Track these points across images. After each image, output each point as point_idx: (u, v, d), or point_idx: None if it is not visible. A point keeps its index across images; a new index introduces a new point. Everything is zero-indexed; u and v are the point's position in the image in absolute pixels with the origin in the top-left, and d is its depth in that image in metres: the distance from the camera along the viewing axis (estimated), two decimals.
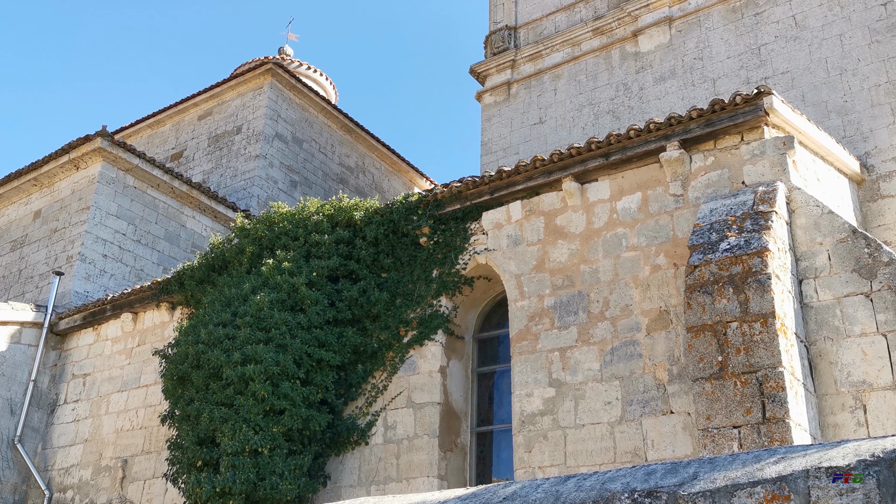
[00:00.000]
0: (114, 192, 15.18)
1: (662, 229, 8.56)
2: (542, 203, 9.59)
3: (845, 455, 2.82)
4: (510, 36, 16.74)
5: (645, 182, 8.91)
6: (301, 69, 23.96)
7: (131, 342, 12.93)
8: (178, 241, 16.14)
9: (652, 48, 14.62)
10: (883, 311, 6.93)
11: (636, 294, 8.44)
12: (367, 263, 10.44)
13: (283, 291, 10.00)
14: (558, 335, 8.78)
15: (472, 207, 10.08)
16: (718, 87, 13.42)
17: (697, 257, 7.44)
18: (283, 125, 19.62)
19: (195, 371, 9.78)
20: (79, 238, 14.55)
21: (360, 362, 10.12)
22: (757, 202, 7.70)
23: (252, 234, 11.18)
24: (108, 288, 14.63)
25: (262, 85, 19.68)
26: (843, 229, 7.49)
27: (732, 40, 13.69)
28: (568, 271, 9.05)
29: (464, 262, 9.94)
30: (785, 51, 12.99)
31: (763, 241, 7.13)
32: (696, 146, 8.65)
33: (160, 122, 21.54)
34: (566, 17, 16.26)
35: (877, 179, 11.10)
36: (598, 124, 14.68)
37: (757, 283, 6.87)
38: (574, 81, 15.45)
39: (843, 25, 12.52)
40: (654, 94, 14.21)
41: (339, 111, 21.14)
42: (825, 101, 12.16)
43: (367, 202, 10.82)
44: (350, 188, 21.00)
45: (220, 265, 11.59)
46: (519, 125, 15.88)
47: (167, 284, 12.29)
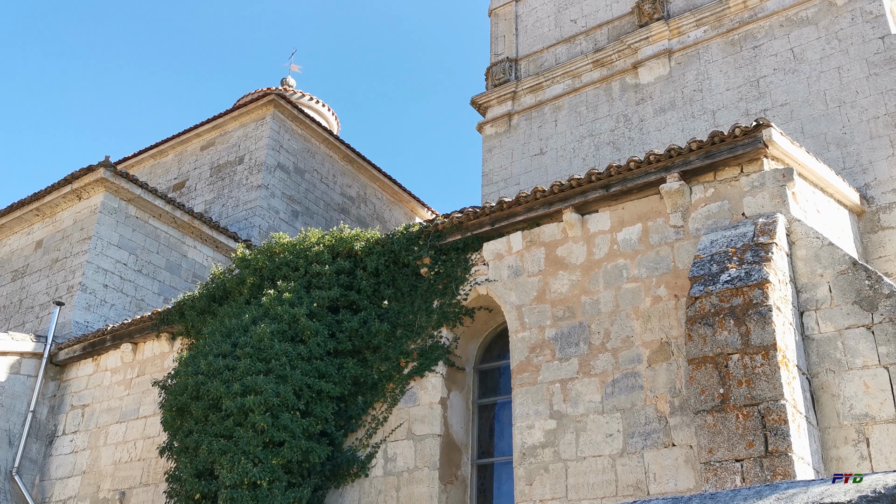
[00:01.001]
0: (115, 221, 15.22)
1: (663, 260, 8.56)
2: (542, 234, 9.60)
3: (847, 491, 2.79)
4: (511, 68, 16.88)
5: (645, 213, 8.93)
6: (303, 100, 24.14)
7: (131, 373, 12.89)
8: (180, 271, 16.15)
9: (652, 80, 14.73)
10: (885, 344, 6.90)
11: (637, 325, 8.41)
12: (368, 294, 10.42)
13: (284, 322, 9.98)
14: (559, 367, 8.74)
15: (472, 238, 10.09)
16: (718, 119, 13.50)
17: (698, 289, 7.43)
18: (285, 155, 19.72)
19: (194, 402, 9.73)
20: (80, 268, 14.56)
21: (360, 394, 10.07)
22: (757, 234, 7.70)
23: (253, 264, 11.19)
24: (109, 318, 14.61)
25: (265, 115, 19.82)
26: (843, 261, 7.49)
27: (731, 73, 13.80)
28: (569, 302, 9.03)
29: (465, 292, 9.93)
30: (784, 83, 13.08)
31: (764, 273, 7.13)
32: (696, 178, 8.68)
33: (163, 153, 21.66)
34: (567, 50, 16.40)
35: (877, 211, 11.11)
36: (598, 155, 14.75)
37: (758, 315, 6.86)
38: (574, 113, 15.54)
39: (841, 58, 12.63)
40: (654, 125, 14.29)
41: (341, 141, 21.26)
42: (824, 133, 12.22)
43: (367, 232, 10.84)
44: (351, 218, 21.05)
45: (220, 295, 11.58)
46: (520, 156, 15.95)
47: (167, 315, 12.27)
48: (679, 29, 14.67)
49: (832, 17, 13.02)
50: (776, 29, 13.60)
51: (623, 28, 15.69)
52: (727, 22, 14.20)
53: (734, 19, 14.13)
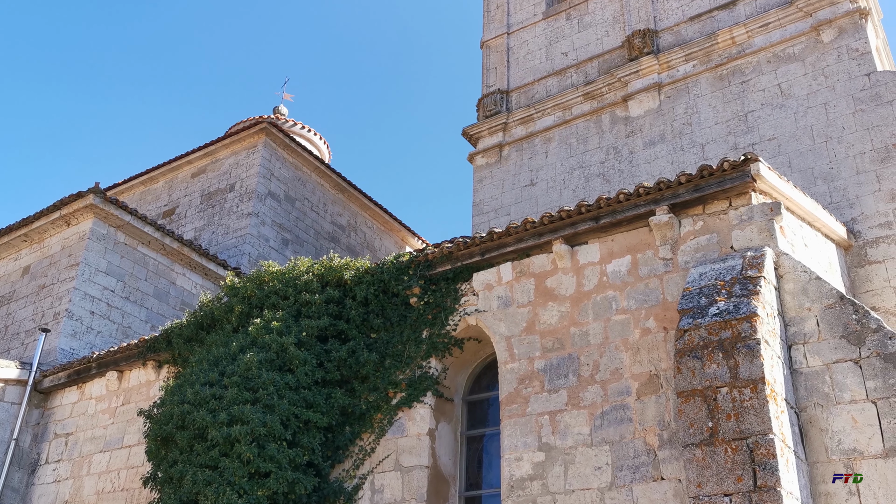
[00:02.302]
0: (104, 248, 15.16)
1: (652, 293, 8.58)
2: (532, 265, 9.62)
3: None
4: (502, 99, 17.01)
5: (634, 245, 8.96)
6: (295, 128, 24.23)
7: (116, 401, 12.75)
8: (167, 298, 16.07)
9: (641, 113, 14.86)
10: (872, 378, 6.92)
11: (626, 357, 8.41)
12: (357, 323, 10.39)
13: (272, 351, 9.92)
14: (548, 398, 8.70)
15: (462, 268, 10.09)
16: (707, 152, 13.62)
17: (687, 321, 7.44)
18: (276, 183, 19.75)
19: (180, 432, 9.62)
20: (66, 294, 14.47)
21: (347, 424, 9.99)
22: (745, 267, 7.74)
23: (242, 292, 11.14)
24: (95, 345, 14.49)
25: (256, 144, 19.87)
26: (830, 295, 7.52)
27: (720, 107, 13.95)
28: (558, 334, 9.02)
29: (454, 323, 9.91)
30: (771, 118, 13.23)
31: (752, 307, 7.15)
32: (685, 210, 8.73)
33: (153, 179, 21.66)
34: (557, 82, 16.55)
35: (864, 245, 11.20)
36: (588, 187, 14.83)
37: (746, 349, 6.86)
38: (565, 145, 15.65)
39: (828, 94, 12.79)
40: (643, 157, 14.40)
41: (332, 170, 21.31)
42: (811, 168, 12.34)
43: (357, 262, 10.82)
44: (342, 247, 21.04)
45: (208, 323, 11.51)
46: (510, 187, 16.02)
47: (154, 342, 12.18)
48: (668, 63, 14.85)
49: (819, 54, 13.21)
50: (764, 65, 13.79)
51: (613, 61, 15.86)
52: (716, 57, 14.39)
53: (722, 55, 14.32)
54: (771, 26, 13.89)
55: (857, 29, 13.01)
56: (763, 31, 13.97)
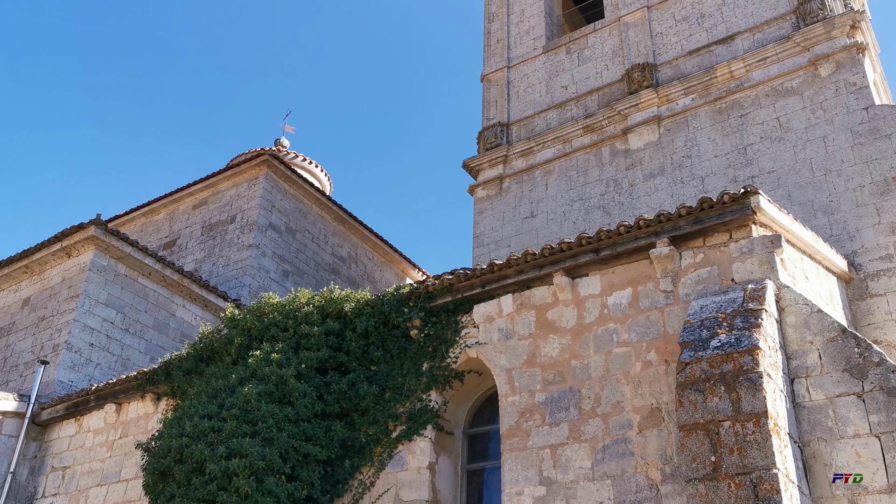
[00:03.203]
0: (104, 280, 15.14)
1: (653, 325, 8.55)
2: (533, 297, 9.60)
3: None
4: (503, 132, 17.11)
5: (635, 278, 8.95)
6: (296, 160, 24.36)
7: (113, 434, 12.65)
8: (167, 330, 16.02)
9: (641, 146, 14.94)
10: (875, 413, 6.87)
11: (627, 391, 8.36)
12: (357, 356, 10.35)
13: (272, 383, 9.86)
14: (549, 432, 8.64)
15: (463, 300, 10.07)
16: (707, 185, 13.66)
17: (688, 354, 7.41)
18: (277, 215, 19.79)
19: (178, 465, 9.53)
20: (66, 326, 14.43)
21: (347, 457, 9.90)
22: (746, 300, 7.72)
23: (242, 324, 11.11)
24: (94, 378, 14.42)
25: (258, 175, 19.95)
26: (832, 328, 7.50)
27: (719, 140, 14.02)
28: (559, 366, 8.98)
29: (454, 355, 9.86)
30: (770, 151, 13.29)
31: (754, 339, 7.12)
32: (686, 243, 8.73)
33: (155, 211, 21.72)
34: (557, 115, 16.66)
35: (865, 278, 11.18)
36: (588, 219, 14.85)
37: (748, 382, 6.82)
38: (565, 177, 15.71)
39: (826, 128, 12.86)
40: (643, 190, 14.44)
41: (333, 202, 21.37)
42: (811, 201, 12.37)
43: (357, 294, 10.81)
44: (342, 278, 21.03)
45: (208, 356, 11.46)
46: (511, 219, 16.05)
47: (153, 375, 12.12)
48: (668, 96, 14.95)
49: (817, 88, 13.31)
50: (762, 98, 13.88)
51: (613, 95, 15.97)
52: (714, 91, 14.49)
53: (721, 88, 14.42)
54: (769, 61, 14.01)
55: (854, 63, 13.12)
56: (761, 66, 14.09)
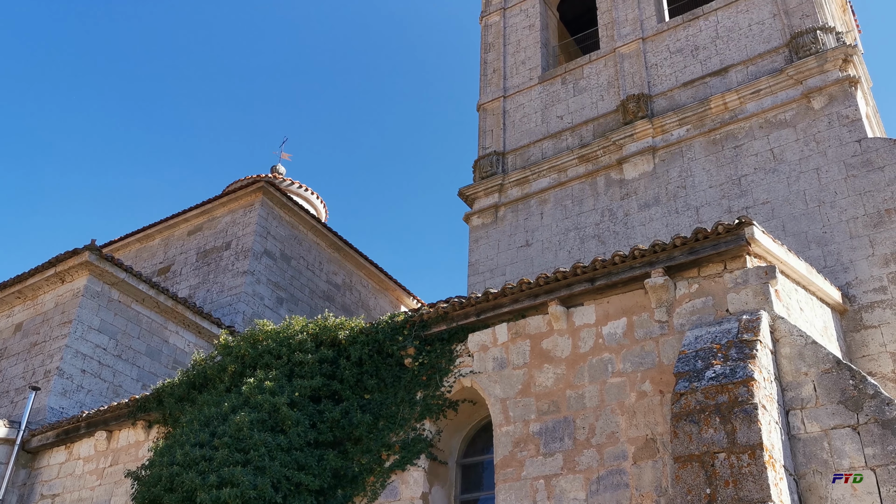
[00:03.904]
0: (98, 305, 15.08)
1: (648, 355, 8.54)
2: (528, 326, 9.58)
3: None
4: (498, 161, 17.18)
5: (630, 307, 8.95)
6: (292, 187, 24.43)
7: (104, 462, 12.52)
8: (160, 356, 15.92)
9: (636, 176, 15.01)
10: (871, 445, 6.84)
11: (622, 421, 8.32)
12: (351, 384, 10.29)
13: (264, 411, 9.80)
14: (543, 462, 8.58)
15: (458, 329, 10.05)
16: (701, 215, 13.71)
17: (683, 385, 7.39)
18: (272, 242, 19.79)
19: (168, 494, 9.43)
20: (58, 352, 14.34)
21: (339, 487, 9.80)
22: (741, 330, 7.72)
23: (235, 351, 11.05)
24: (85, 404, 14.30)
25: (254, 202, 19.97)
26: (827, 360, 7.49)
27: (714, 170, 14.10)
28: (554, 396, 8.94)
29: (449, 384, 9.82)
30: (764, 182, 13.36)
31: (749, 370, 7.11)
32: (681, 273, 8.75)
33: (150, 237, 21.69)
34: (553, 145, 16.75)
35: (859, 310, 11.20)
36: (583, 248, 14.88)
37: (744, 414, 6.80)
38: (560, 206, 15.75)
39: (820, 160, 12.94)
40: (638, 220, 14.48)
41: (328, 229, 21.39)
42: (805, 232, 12.41)
43: (352, 321, 10.77)
44: (336, 306, 20.98)
45: (200, 383, 11.39)
46: (506, 247, 16.07)
47: (145, 402, 12.03)
48: (663, 127, 15.05)
49: (810, 121, 13.42)
50: (756, 130, 13.98)
51: (608, 125, 16.08)
52: (709, 122, 14.59)
53: (715, 120, 14.53)
54: (762, 93, 14.13)
55: (847, 96, 13.24)
56: (755, 98, 14.21)
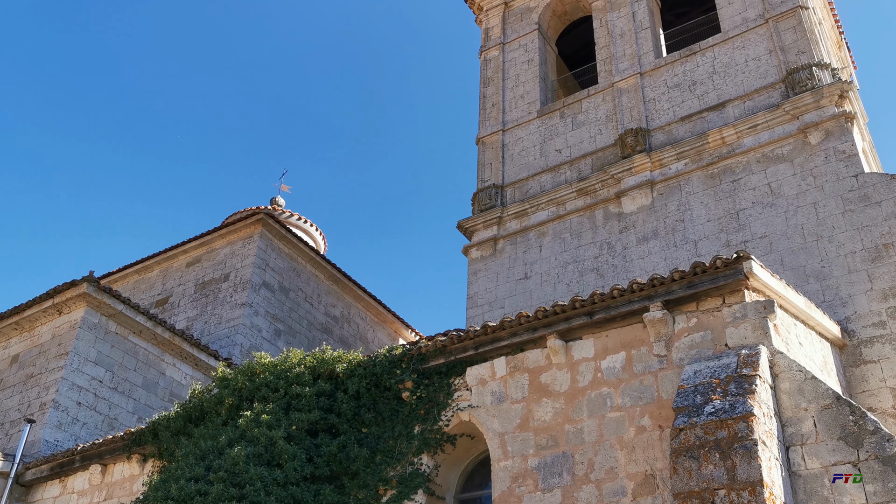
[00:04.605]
0: (94, 337, 15.02)
1: (647, 390, 8.50)
2: (526, 360, 9.55)
3: None
4: (497, 194, 17.24)
5: (629, 342, 8.93)
6: (292, 219, 24.48)
7: (98, 496, 12.38)
8: (156, 389, 15.83)
9: (634, 209, 15.05)
10: (871, 482, 6.78)
11: (621, 456, 8.25)
12: (348, 417, 10.22)
13: (261, 445, 9.72)
14: (542, 498, 8.49)
15: (456, 362, 10.01)
16: (700, 249, 13.73)
17: (682, 420, 7.34)
18: (270, 274, 19.78)
19: None
20: (54, 385, 14.25)
21: None
22: (740, 365, 7.69)
23: (232, 384, 11.00)
24: (80, 437, 14.19)
25: (253, 234, 19.99)
26: (826, 396, 7.45)
27: (712, 204, 14.14)
28: (552, 431, 8.88)
29: (447, 418, 9.76)
30: (762, 216, 13.39)
31: (748, 406, 7.07)
32: (679, 307, 8.74)
33: (148, 268, 21.67)
34: (551, 178, 16.81)
35: (858, 345, 11.16)
36: (582, 281, 14.87)
37: (743, 450, 6.75)
38: (559, 239, 15.78)
39: (817, 194, 12.99)
40: (637, 253, 14.49)
41: (327, 261, 21.39)
42: (803, 266, 12.42)
43: (349, 354, 10.74)
44: (334, 338, 20.91)
45: (197, 416, 11.31)
46: (505, 280, 16.06)
47: (140, 435, 11.93)
48: (661, 161, 15.12)
49: (807, 155, 13.49)
50: (753, 164, 14.05)
51: (606, 159, 16.16)
52: (706, 156, 14.66)
53: (713, 154, 14.60)
54: (759, 128, 14.22)
55: (843, 132, 13.33)
56: (752, 133, 14.30)
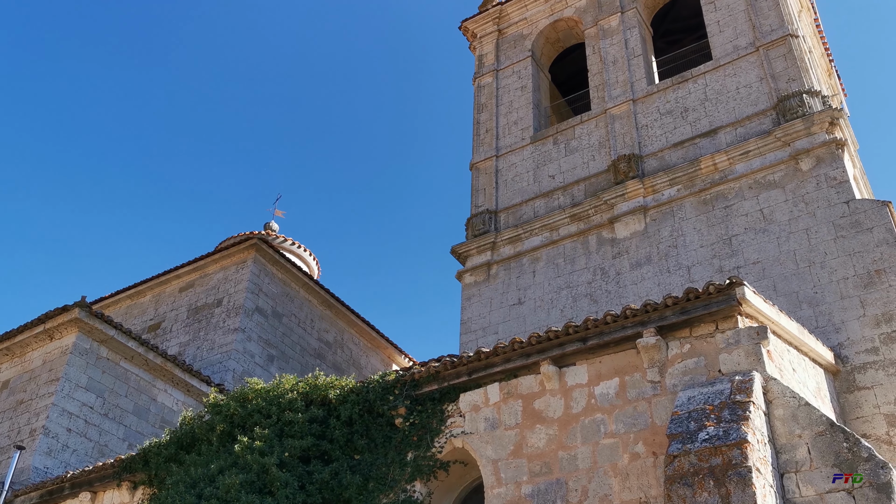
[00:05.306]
0: (86, 363, 14.91)
1: (640, 416, 8.48)
2: (520, 386, 9.52)
3: None
4: (491, 219, 17.28)
5: (622, 367, 8.92)
6: (285, 244, 24.45)
7: None
8: (147, 415, 15.71)
9: (628, 235, 15.09)
10: None
11: (615, 483, 8.21)
12: (341, 444, 10.16)
13: (253, 472, 9.64)
14: None
15: (449, 388, 9.98)
16: (693, 275, 13.76)
17: (676, 447, 7.32)
18: (263, 299, 19.72)
19: None
20: (44, 411, 14.13)
21: None
22: (734, 391, 7.68)
23: (224, 410, 10.92)
24: (70, 464, 14.04)
25: (246, 259, 19.95)
26: (820, 422, 7.44)
27: (705, 230, 14.19)
28: (546, 457, 8.84)
29: (440, 445, 9.71)
30: (755, 242, 13.44)
31: (742, 433, 7.05)
32: (672, 333, 8.74)
33: (141, 293, 21.58)
34: (545, 203, 16.87)
35: (852, 371, 11.16)
36: (576, 307, 14.87)
37: (738, 477, 6.72)
38: (552, 264, 15.80)
39: (809, 221, 13.05)
40: (630, 279, 14.51)
41: (321, 286, 21.34)
42: (796, 292, 12.44)
43: (342, 380, 10.69)
44: (328, 364, 20.82)
45: (188, 442, 11.21)
46: (498, 305, 16.05)
47: (131, 462, 11.82)
48: (653, 187, 15.19)
49: (798, 182, 13.57)
50: (746, 190, 14.12)
51: (599, 185, 16.23)
52: (699, 182, 14.74)
53: (706, 180, 14.68)
54: (751, 154, 14.32)
55: (834, 158, 13.43)
56: (744, 159, 14.39)
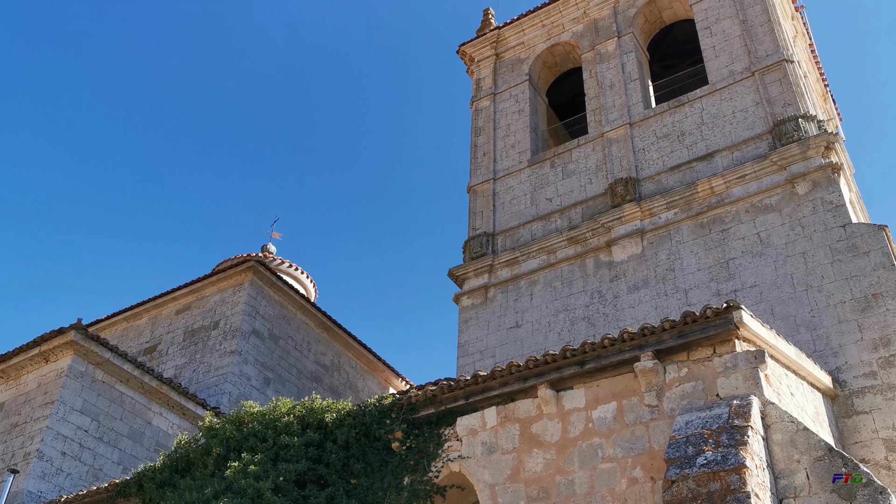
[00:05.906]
0: (81, 386, 14.83)
1: (638, 440, 8.43)
2: (517, 410, 9.48)
3: None
4: (488, 242, 17.29)
5: (620, 391, 8.89)
6: (283, 267, 24.44)
7: None
8: (142, 439, 15.60)
9: (625, 258, 15.10)
10: None
11: None
12: (337, 468, 10.09)
13: (248, 497, 9.56)
14: None
15: (446, 412, 9.93)
16: (690, 298, 13.75)
17: (675, 472, 7.27)
18: (260, 322, 19.67)
19: None
20: (38, 434, 14.03)
21: None
22: (732, 416, 7.65)
23: (220, 433, 10.85)
24: (64, 488, 13.92)
25: (243, 282, 19.92)
26: (819, 447, 7.41)
27: (702, 254, 14.20)
28: (543, 482, 8.78)
29: (437, 469, 9.64)
30: (752, 265, 13.45)
31: (740, 458, 7.01)
32: (670, 357, 8.72)
33: (137, 316, 21.52)
34: (542, 227, 16.89)
35: (850, 395, 11.13)
36: (573, 330, 14.84)
37: (736, 502, 6.68)
38: (550, 287, 15.79)
39: (806, 244, 13.07)
40: (627, 302, 14.50)
41: (318, 309, 21.30)
42: (793, 316, 12.43)
43: (339, 404, 10.64)
44: (324, 387, 20.73)
45: (183, 466, 11.13)
46: (496, 328, 16.02)
47: (125, 487, 11.71)
48: (651, 210, 15.22)
49: (795, 206, 13.61)
50: (742, 214, 14.16)
51: (597, 208, 16.26)
52: (696, 206, 14.77)
53: (703, 203, 14.71)
54: (748, 178, 14.36)
55: (830, 183, 13.47)
56: (740, 183, 14.43)
